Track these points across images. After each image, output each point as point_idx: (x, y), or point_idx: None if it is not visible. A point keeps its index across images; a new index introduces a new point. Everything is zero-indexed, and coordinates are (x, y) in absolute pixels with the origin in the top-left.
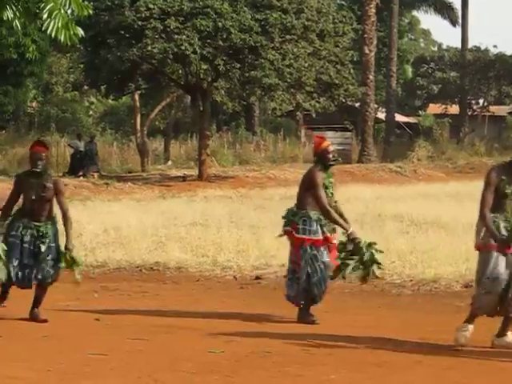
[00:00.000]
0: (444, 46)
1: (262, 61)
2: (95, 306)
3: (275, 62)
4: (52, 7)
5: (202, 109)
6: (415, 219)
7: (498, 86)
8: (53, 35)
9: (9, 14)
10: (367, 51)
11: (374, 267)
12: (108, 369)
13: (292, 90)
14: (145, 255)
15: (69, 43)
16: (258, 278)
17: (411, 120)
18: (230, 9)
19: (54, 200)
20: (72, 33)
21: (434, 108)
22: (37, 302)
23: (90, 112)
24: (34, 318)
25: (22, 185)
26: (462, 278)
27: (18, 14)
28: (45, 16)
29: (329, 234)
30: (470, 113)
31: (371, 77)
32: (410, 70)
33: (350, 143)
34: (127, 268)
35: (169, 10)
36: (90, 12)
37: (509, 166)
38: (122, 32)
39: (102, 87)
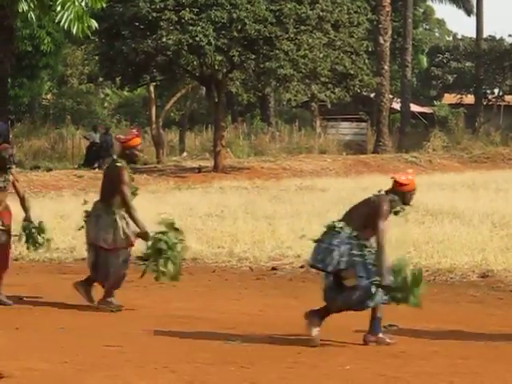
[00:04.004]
0: (459, 36)
1: (277, 52)
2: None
3: (290, 53)
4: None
5: (217, 100)
6: (431, 209)
7: None
8: (65, 27)
9: (23, 6)
10: (382, 41)
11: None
12: (124, 360)
13: (307, 80)
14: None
15: (81, 36)
16: (274, 268)
17: (426, 110)
18: (244, 0)
19: None
20: (86, 25)
21: (449, 98)
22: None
23: (105, 104)
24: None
25: None
26: (477, 268)
27: (32, 6)
28: (58, 8)
29: None
30: (485, 102)
31: (386, 67)
32: (424, 59)
33: (365, 134)
34: None
35: (183, 1)
36: (104, 5)
37: None
38: (137, 23)
39: (117, 79)
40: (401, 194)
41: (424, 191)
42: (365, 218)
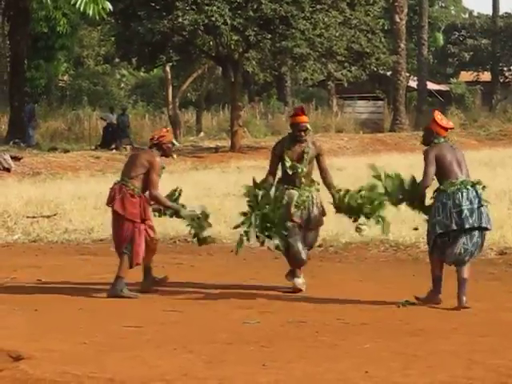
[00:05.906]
0: (475, 13)
1: (293, 31)
2: (130, 279)
3: (306, 32)
4: None
5: (233, 80)
6: None
7: None
8: (81, 9)
9: None
10: (398, 19)
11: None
12: (143, 341)
13: (323, 59)
14: (179, 227)
15: (97, 17)
16: None
17: (443, 88)
18: None
19: None
20: (100, 7)
21: (466, 75)
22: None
23: (122, 85)
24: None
25: None
26: (495, 246)
27: None
28: None
29: None
30: (501, 80)
31: (402, 45)
32: (441, 37)
33: (382, 112)
34: (161, 240)
35: None
36: None
37: None
38: (153, 4)
39: (134, 60)
40: None
41: None
42: None
